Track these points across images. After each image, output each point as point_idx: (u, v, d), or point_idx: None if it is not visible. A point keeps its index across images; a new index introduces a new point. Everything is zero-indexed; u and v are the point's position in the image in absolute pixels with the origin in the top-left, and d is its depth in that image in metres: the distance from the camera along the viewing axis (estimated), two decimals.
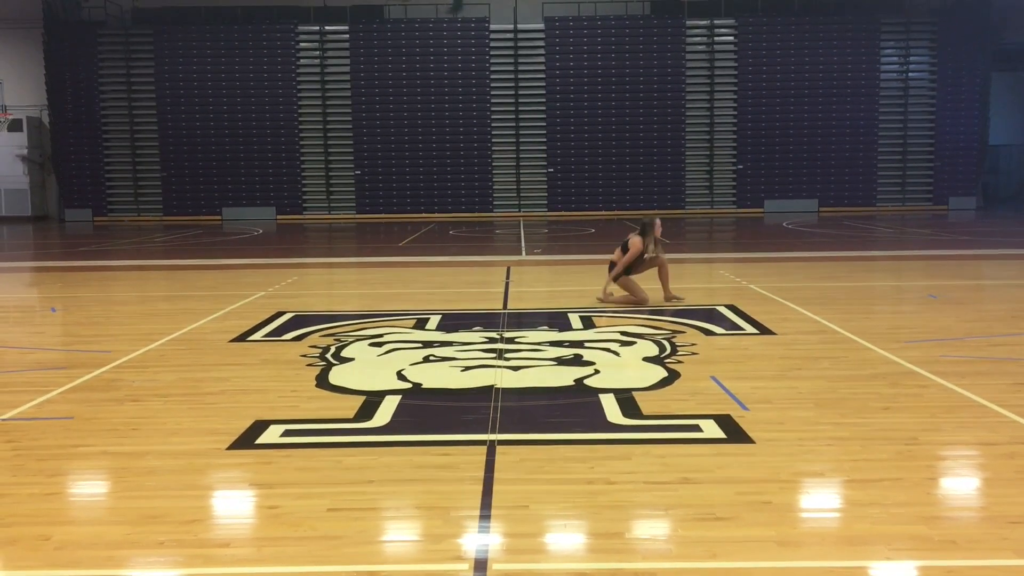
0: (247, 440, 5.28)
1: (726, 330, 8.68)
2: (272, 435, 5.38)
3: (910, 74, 31.21)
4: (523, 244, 19.52)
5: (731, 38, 31.15)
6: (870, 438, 5.17)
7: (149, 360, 7.57)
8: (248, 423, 5.59)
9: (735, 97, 31.09)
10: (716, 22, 31.11)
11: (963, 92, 30.80)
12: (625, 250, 10.19)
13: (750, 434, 5.25)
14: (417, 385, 6.54)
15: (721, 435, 5.28)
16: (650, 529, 4.00)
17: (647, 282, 10.49)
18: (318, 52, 31.38)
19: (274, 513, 4.18)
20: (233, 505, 4.44)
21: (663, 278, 10.37)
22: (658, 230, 10.26)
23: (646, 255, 10.17)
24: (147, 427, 5.60)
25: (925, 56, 31.15)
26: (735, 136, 31.08)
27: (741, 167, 31.09)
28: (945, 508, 4.24)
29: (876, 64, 30.92)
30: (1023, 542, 3.78)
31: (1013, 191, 35.40)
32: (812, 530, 3.97)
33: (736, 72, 31.04)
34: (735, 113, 31.10)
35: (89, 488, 4.75)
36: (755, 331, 8.59)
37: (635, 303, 10.19)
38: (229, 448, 5.14)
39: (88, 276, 14.56)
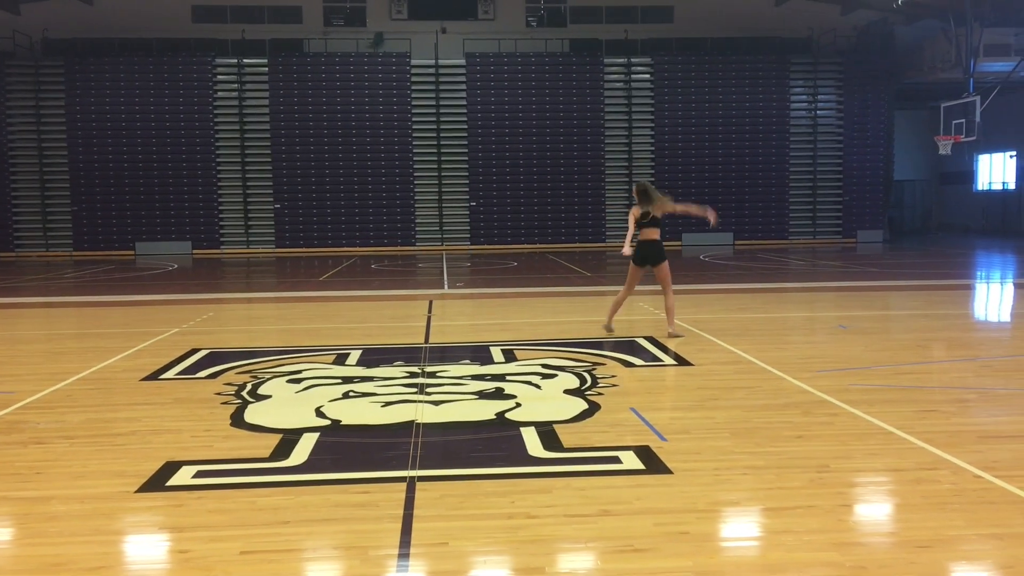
0: (157, 482, 5.12)
1: (645, 362, 8.79)
2: (184, 476, 5.23)
3: (818, 112, 32.37)
4: (445, 278, 19.49)
5: (647, 76, 31.88)
6: (784, 466, 5.28)
7: (56, 400, 7.30)
8: (159, 464, 5.42)
9: (652, 133, 31.78)
10: (633, 60, 31.81)
11: (868, 130, 32.08)
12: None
13: (668, 464, 5.31)
14: (336, 422, 6.44)
15: (640, 466, 5.33)
16: (570, 563, 4.00)
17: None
18: (236, 85, 31.01)
19: (185, 558, 4.05)
20: (141, 550, 4.28)
21: (667, 307, 10.49)
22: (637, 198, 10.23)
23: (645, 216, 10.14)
24: (51, 470, 5.39)
25: (832, 95, 32.37)
26: (653, 170, 31.69)
27: None
28: (856, 534, 4.33)
29: (786, 102, 31.99)
30: (931, 566, 3.89)
31: (917, 224, 36.88)
32: (729, 559, 4.02)
33: (653, 108, 31.75)
34: (653, 148, 31.75)
35: None
36: (673, 362, 8.72)
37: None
38: (138, 491, 4.97)
39: None
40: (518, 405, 6.89)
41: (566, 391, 7.40)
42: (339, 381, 7.87)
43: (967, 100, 25.79)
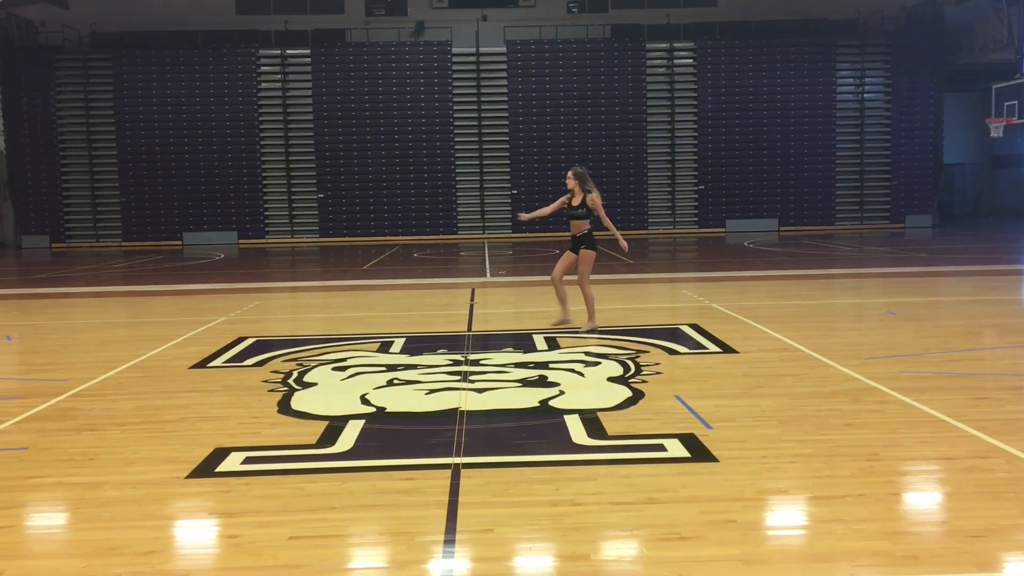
0: (207, 468, 5.19)
1: (690, 349, 8.72)
2: (232, 463, 5.30)
3: (865, 95, 31.79)
4: (488, 266, 19.52)
5: (690, 61, 31.54)
6: (832, 455, 5.21)
7: (107, 388, 7.44)
8: (208, 451, 5.50)
9: (695, 119, 31.44)
10: (675, 45, 31.49)
11: (917, 113, 31.43)
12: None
13: (714, 453, 5.26)
14: (381, 409, 6.48)
15: (685, 454, 5.29)
16: (616, 551, 3.99)
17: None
18: (279, 76, 31.28)
19: (234, 543, 4.11)
20: (192, 535, 4.35)
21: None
22: (569, 181, 10.52)
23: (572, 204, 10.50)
24: (104, 457, 5.49)
25: (880, 78, 31.76)
26: (696, 157, 31.41)
27: (702, 187, 31.40)
28: (907, 523, 4.27)
29: (832, 86, 31.47)
30: (984, 555, 3.82)
31: (967, 209, 36.12)
32: (776, 548, 3.97)
33: (696, 94, 31.41)
34: (696, 134, 31.43)
35: (44, 520, 4.64)
36: (718, 350, 8.64)
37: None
38: (188, 476, 5.05)
39: (45, 303, 14.31)
40: (561, 393, 6.88)
41: (610, 379, 7.37)
42: (383, 369, 7.92)
43: (1019, 81, 25.16)
